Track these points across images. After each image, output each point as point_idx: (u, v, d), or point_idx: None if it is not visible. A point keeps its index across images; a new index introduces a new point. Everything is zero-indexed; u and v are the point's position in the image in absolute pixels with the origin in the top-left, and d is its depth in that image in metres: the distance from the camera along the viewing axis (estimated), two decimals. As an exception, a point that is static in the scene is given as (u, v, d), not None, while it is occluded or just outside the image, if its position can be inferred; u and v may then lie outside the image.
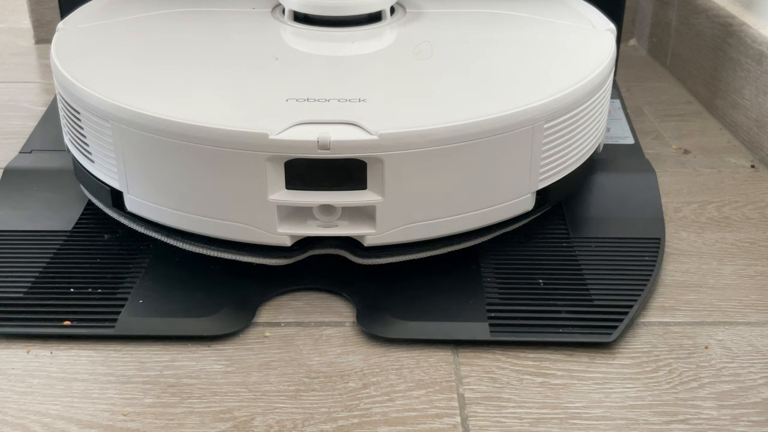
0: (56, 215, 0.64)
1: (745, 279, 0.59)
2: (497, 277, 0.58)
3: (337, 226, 0.55)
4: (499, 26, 0.69)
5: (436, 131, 0.52)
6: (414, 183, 0.53)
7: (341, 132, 0.51)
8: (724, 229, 0.66)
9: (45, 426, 0.47)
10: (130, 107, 0.54)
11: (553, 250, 0.61)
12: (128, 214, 0.59)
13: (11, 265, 0.59)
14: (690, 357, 0.52)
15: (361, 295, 0.56)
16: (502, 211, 0.57)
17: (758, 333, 0.54)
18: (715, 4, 0.87)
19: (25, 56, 1.03)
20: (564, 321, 0.54)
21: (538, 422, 0.47)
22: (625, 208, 0.65)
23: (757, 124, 0.77)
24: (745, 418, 0.47)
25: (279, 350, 0.52)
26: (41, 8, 1.06)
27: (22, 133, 0.77)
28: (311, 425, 0.47)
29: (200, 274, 0.58)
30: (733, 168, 0.75)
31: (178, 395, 0.49)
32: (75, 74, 0.59)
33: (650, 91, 0.93)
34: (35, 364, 0.51)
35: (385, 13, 0.69)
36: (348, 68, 0.60)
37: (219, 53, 0.63)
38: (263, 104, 0.55)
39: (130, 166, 0.56)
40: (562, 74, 0.59)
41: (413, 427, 0.47)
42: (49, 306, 0.55)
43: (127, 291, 0.56)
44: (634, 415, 0.47)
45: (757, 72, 0.77)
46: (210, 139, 0.52)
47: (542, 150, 0.56)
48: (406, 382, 0.50)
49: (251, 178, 0.52)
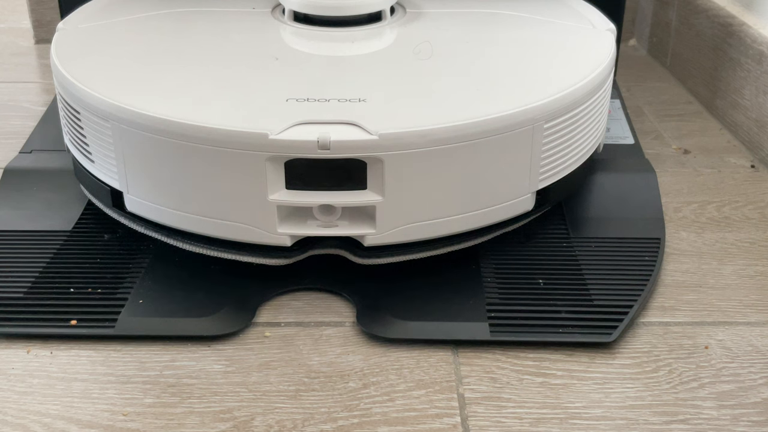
0: (56, 215, 0.64)
1: (745, 279, 0.59)
2: (497, 277, 0.58)
3: (337, 226, 0.55)
4: (499, 26, 0.69)
5: (436, 131, 0.52)
6: (414, 183, 0.53)
7: (341, 132, 0.51)
8: (724, 229, 0.66)
9: (45, 426, 0.47)
10: (130, 107, 0.54)
11: (553, 250, 0.61)
12: (128, 214, 0.59)
13: (11, 265, 0.59)
14: (690, 357, 0.52)
15: (361, 295, 0.56)
16: (502, 211, 0.57)
17: (758, 333, 0.54)
18: (715, 4, 0.87)
19: (25, 56, 1.03)
20: (564, 321, 0.54)
21: (538, 422, 0.47)
22: (625, 208, 0.65)
23: (757, 124, 0.77)
24: (745, 418, 0.47)
25: (279, 350, 0.52)
26: (41, 8, 1.06)
27: (22, 133, 0.77)
28: (311, 425, 0.47)
29: (200, 274, 0.58)
30: (733, 168, 0.75)
31: (178, 395, 0.49)
32: (75, 74, 0.59)
33: (650, 91, 0.93)
34: (35, 364, 0.51)
35: (385, 13, 0.69)
36: (348, 68, 0.60)
37: (219, 53, 0.63)
38: (263, 104, 0.55)
39: (130, 166, 0.56)
40: (562, 74, 0.59)
41: (413, 427, 0.47)
42: (49, 306, 0.55)
43: (127, 291, 0.56)
44: (634, 415, 0.47)
45: (757, 72, 0.77)
46: (210, 139, 0.52)
47: (542, 150, 0.56)
48: (406, 382, 0.50)
49: (251, 178, 0.52)
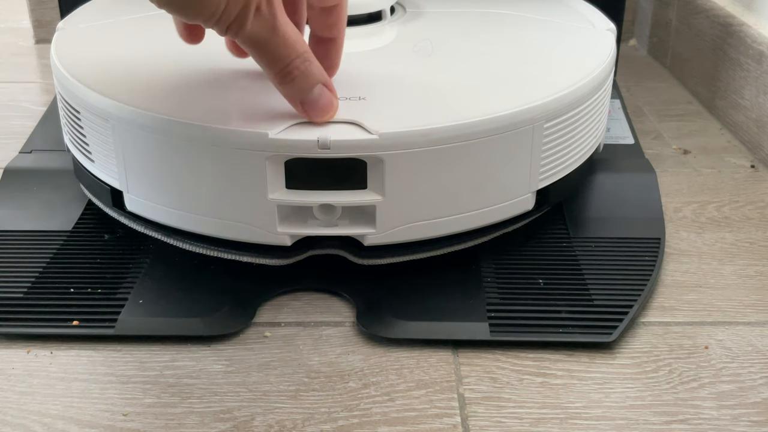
0: (56, 215, 0.64)
1: (745, 279, 0.59)
2: (497, 277, 0.58)
3: (337, 225, 0.55)
4: (499, 26, 0.69)
5: (437, 131, 0.52)
6: (414, 182, 0.53)
7: (341, 131, 0.51)
8: (724, 229, 0.66)
9: (45, 426, 0.47)
10: (130, 107, 0.54)
11: (553, 250, 0.61)
12: (128, 214, 0.59)
13: (11, 265, 0.59)
14: (690, 357, 0.52)
15: (361, 295, 0.56)
16: (502, 211, 0.57)
17: (758, 333, 0.54)
18: (715, 4, 0.87)
19: (25, 56, 1.03)
20: (564, 321, 0.54)
21: (538, 422, 0.47)
22: (625, 208, 0.65)
23: (757, 124, 0.77)
24: (745, 418, 0.47)
25: (279, 350, 0.52)
26: (41, 8, 1.06)
27: (22, 133, 0.77)
28: (311, 425, 0.47)
29: (200, 274, 0.58)
30: (733, 168, 0.75)
31: (178, 395, 0.49)
32: (75, 74, 0.59)
33: (650, 91, 0.93)
34: (35, 364, 0.51)
35: (385, 13, 0.69)
36: (348, 67, 0.60)
37: (219, 53, 0.63)
38: (263, 103, 0.55)
39: (130, 166, 0.56)
40: (562, 74, 0.59)
41: (413, 427, 0.47)
42: (49, 306, 0.55)
43: (127, 291, 0.56)
44: (634, 415, 0.47)
45: (757, 72, 0.77)
46: (210, 138, 0.52)
47: (542, 150, 0.56)
48: (406, 382, 0.50)
49: (251, 177, 0.52)
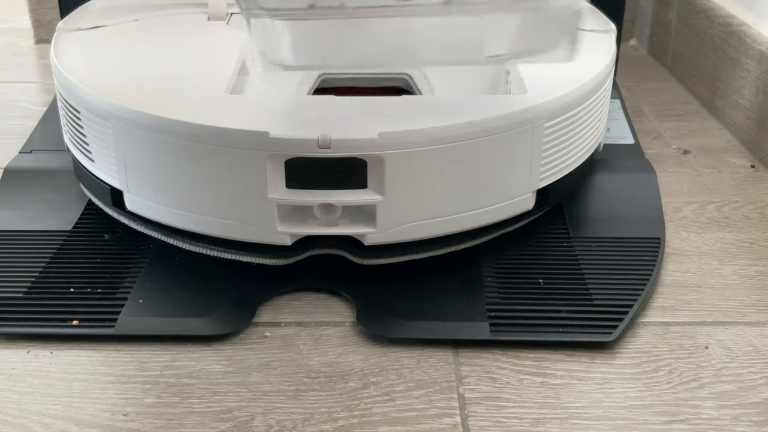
0: (56, 215, 0.64)
1: (745, 279, 0.59)
2: (497, 277, 0.58)
3: (337, 225, 0.55)
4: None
5: (437, 130, 0.52)
6: (414, 182, 0.53)
7: (341, 131, 0.51)
8: (724, 229, 0.66)
9: (45, 426, 0.47)
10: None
11: (553, 250, 0.61)
12: (128, 213, 0.59)
13: (11, 265, 0.59)
14: (690, 357, 0.52)
15: (361, 295, 0.56)
16: (502, 211, 0.57)
17: (758, 333, 0.54)
18: (715, 4, 0.87)
19: (25, 56, 1.03)
20: (564, 321, 0.54)
21: (538, 422, 0.47)
22: (625, 208, 0.65)
23: (757, 124, 0.77)
24: (745, 418, 0.47)
25: (279, 350, 0.52)
26: (41, 8, 1.06)
27: (22, 133, 0.77)
28: (311, 425, 0.47)
29: (200, 274, 0.58)
30: (733, 168, 0.75)
31: (178, 395, 0.49)
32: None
33: (650, 91, 0.93)
34: (35, 364, 0.51)
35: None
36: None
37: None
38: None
39: (130, 165, 0.56)
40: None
41: (413, 427, 0.47)
42: (49, 306, 0.55)
43: (127, 291, 0.56)
44: (634, 415, 0.47)
45: (757, 72, 0.77)
46: (210, 137, 0.52)
47: (542, 149, 0.56)
48: (406, 382, 0.50)
49: (251, 176, 0.52)
